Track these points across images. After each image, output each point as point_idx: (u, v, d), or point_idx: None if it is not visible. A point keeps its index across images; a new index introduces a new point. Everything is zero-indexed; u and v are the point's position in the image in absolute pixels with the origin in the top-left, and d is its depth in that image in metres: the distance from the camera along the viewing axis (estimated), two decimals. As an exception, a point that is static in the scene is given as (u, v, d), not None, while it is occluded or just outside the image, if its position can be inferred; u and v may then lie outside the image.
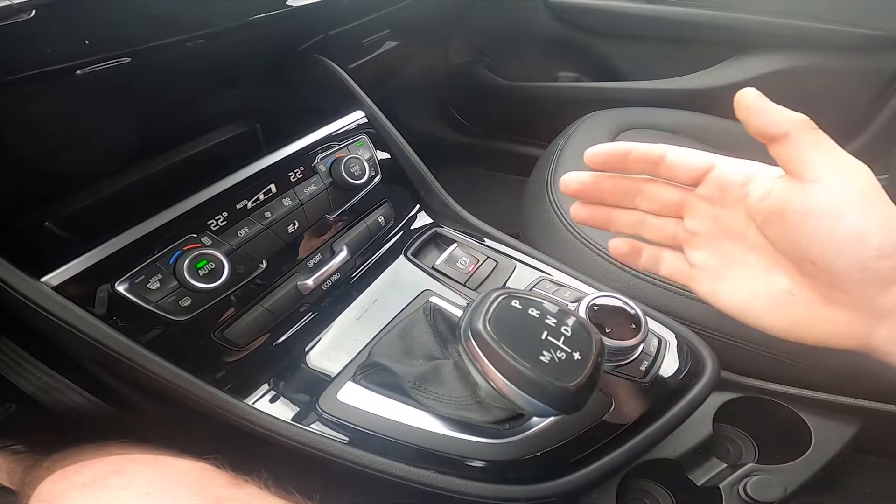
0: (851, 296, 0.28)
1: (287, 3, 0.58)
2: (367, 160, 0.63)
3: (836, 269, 0.28)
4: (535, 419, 0.47)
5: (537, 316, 0.32)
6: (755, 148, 0.97)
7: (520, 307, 0.32)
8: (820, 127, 0.31)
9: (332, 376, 0.52)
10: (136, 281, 0.44)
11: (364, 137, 0.66)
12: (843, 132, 1.15)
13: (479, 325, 0.31)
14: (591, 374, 0.30)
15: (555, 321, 0.31)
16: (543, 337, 0.31)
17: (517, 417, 0.47)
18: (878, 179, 0.29)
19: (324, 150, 0.61)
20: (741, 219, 0.33)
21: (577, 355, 0.30)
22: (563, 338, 0.31)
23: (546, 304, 0.33)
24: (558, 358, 0.30)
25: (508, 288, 0.33)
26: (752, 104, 0.32)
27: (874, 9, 1.02)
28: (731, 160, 0.35)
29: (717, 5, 1.10)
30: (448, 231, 0.69)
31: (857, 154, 0.29)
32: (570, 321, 0.32)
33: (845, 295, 0.29)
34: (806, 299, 0.30)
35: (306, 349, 0.55)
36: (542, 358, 0.29)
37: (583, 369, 0.30)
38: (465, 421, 0.47)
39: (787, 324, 0.32)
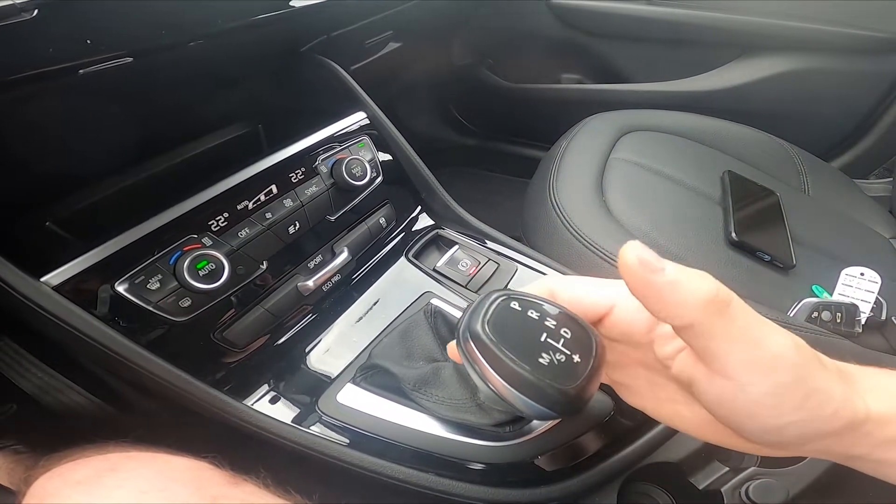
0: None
1: (290, 3, 0.58)
2: (369, 161, 0.63)
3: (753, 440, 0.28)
4: (535, 422, 0.47)
5: (537, 318, 0.31)
6: (757, 149, 0.96)
7: (519, 308, 0.32)
8: (823, 128, 0.29)
9: (332, 378, 0.52)
10: (137, 281, 0.44)
11: (366, 138, 0.66)
12: (848, 134, 1.15)
13: (478, 327, 0.30)
14: (591, 377, 0.30)
15: (554, 323, 0.31)
16: (543, 339, 0.30)
17: (517, 420, 0.47)
18: (884, 182, 0.28)
19: (325, 151, 0.61)
20: (653, 357, 0.31)
21: (576, 357, 0.30)
22: (562, 340, 0.30)
23: (546, 306, 0.32)
24: (557, 360, 0.29)
25: (508, 289, 0.32)
26: (638, 277, 0.25)
27: (879, 10, 1.01)
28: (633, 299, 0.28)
29: (720, 7, 1.10)
30: (449, 233, 0.69)
31: (862, 156, 0.28)
32: (571, 323, 0.32)
33: None
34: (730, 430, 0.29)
35: (306, 350, 0.55)
36: (540, 360, 0.29)
37: (583, 372, 0.30)
38: (465, 424, 0.46)
39: (724, 438, 0.31)
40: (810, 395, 0.25)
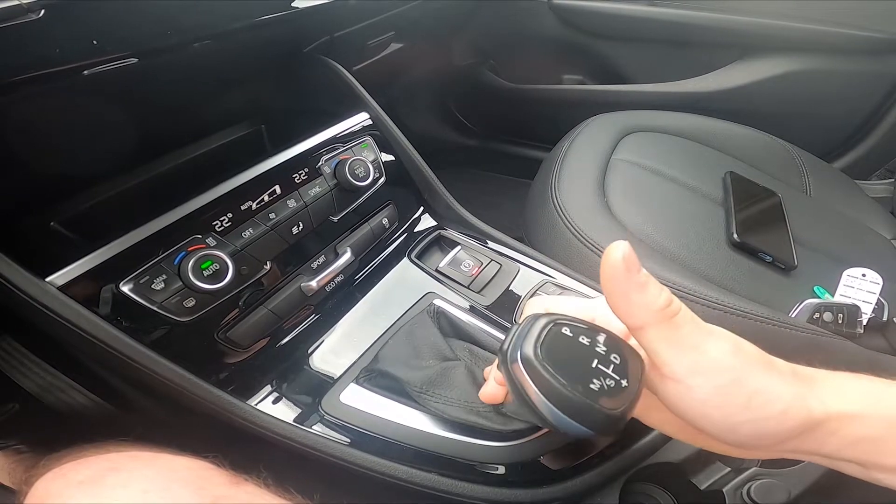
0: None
1: (293, 4, 0.58)
2: (372, 162, 0.63)
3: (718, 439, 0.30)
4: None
5: (588, 343, 0.32)
6: (759, 150, 0.96)
7: (570, 335, 0.32)
8: (825, 129, 0.30)
9: (335, 378, 0.52)
10: (141, 281, 0.44)
11: (368, 139, 0.66)
12: (849, 135, 1.15)
13: (530, 351, 0.31)
14: (635, 400, 0.30)
15: (605, 349, 0.31)
16: (594, 365, 0.31)
17: (534, 429, 0.46)
18: (885, 183, 0.29)
19: (328, 151, 0.61)
20: None
21: (625, 382, 0.30)
22: (612, 366, 0.31)
23: (596, 333, 0.33)
24: (608, 386, 0.30)
25: (557, 314, 0.33)
26: (616, 273, 0.28)
27: (880, 11, 1.01)
28: (608, 312, 0.31)
29: (721, 8, 1.10)
30: (452, 233, 0.69)
31: (864, 157, 0.29)
32: (619, 348, 0.32)
33: None
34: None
35: (309, 351, 0.55)
36: (591, 386, 0.29)
37: (630, 396, 0.30)
38: (474, 425, 0.46)
39: (699, 440, 0.33)
40: (753, 395, 0.27)
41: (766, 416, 0.27)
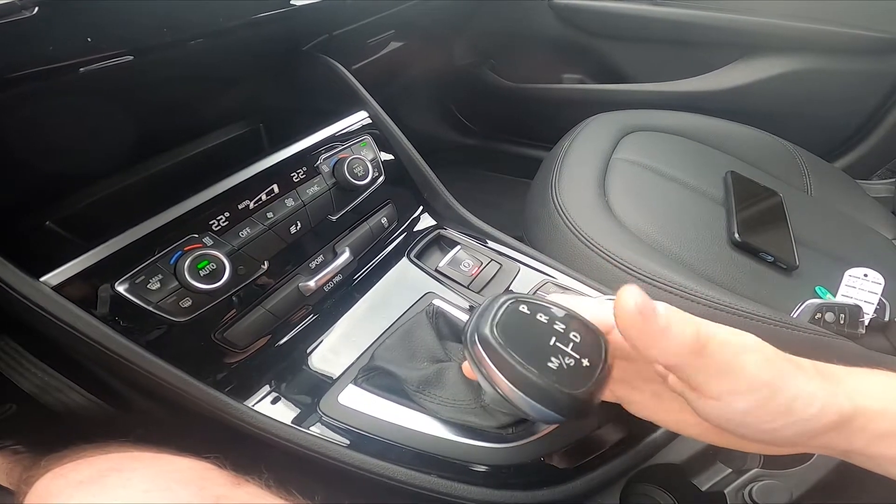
0: None
1: (291, 2, 0.57)
2: (371, 161, 0.63)
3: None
4: (538, 424, 0.47)
5: (545, 321, 0.31)
6: (760, 150, 0.96)
7: (528, 312, 0.31)
8: (826, 129, 0.30)
9: (334, 379, 0.51)
10: (137, 281, 0.44)
11: (368, 138, 0.65)
12: (850, 135, 1.15)
13: (486, 330, 0.30)
14: (600, 381, 0.30)
15: (564, 327, 0.31)
16: (552, 343, 0.30)
17: (520, 422, 0.46)
18: (886, 183, 0.28)
19: (327, 150, 0.61)
20: (653, 371, 0.34)
21: (586, 361, 0.30)
22: (572, 344, 0.30)
23: (555, 310, 0.32)
24: (567, 364, 0.29)
25: (517, 292, 0.32)
26: (634, 323, 0.27)
27: (882, 11, 1.01)
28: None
29: (722, 7, 1.09)
30: (451, 233, 0.69)
31: (865, 157, 0.28)
32: (580, 327, 0.32)
33: None
34: None
35: (308, 351, 0.54)
36: (549, 364, 0.29)
37: (592, 375, 0.30)
38: (468, 425, 0.46)
39: (728, 440, 0.33)
40: (791, 401, 0.28)
41: (805, 418, 0.28)
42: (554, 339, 0.30)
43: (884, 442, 0.29)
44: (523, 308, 0.31)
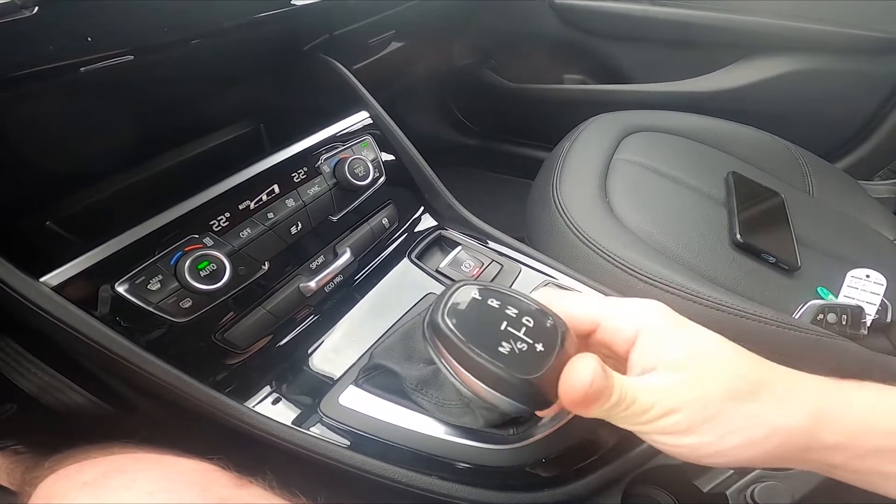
0: None
1: (292, 2, 0.57)
2: (372, 161, 0.63)
3: None
4: (539, 425, 0.47)
5: (497, 306, 0.31)
6: (761, 150, 0.95)
7: (479, 297, 0.31)
8: (828, 129, 0.31)
9: (335, 379, 0.51)
10: (137, 282, 0.44)
11: (368, 138, 0.65)
12: (852, 135, 1.15)
13: (439, 318, 0.30)
14: (556, 367, 0.29)
15: (516, 312, 0.31)
16: (503, 327, 0.30)
17: (516, 424, 0.46)
18: (888, 184, 0.28)
19: (328, 150, 0.61)
20: None
21: (539, 346, 0.29)
22: (524, 328, 0.30)
23: (510, 296, 0.32)
24: (519, 349, 0.29)
25: (473, 280, 0.32)
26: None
27: (883, 11, 1.01)
28: (618, 317, 0.32)
29: (724, 7, 1.09)
30: (452, 233, 0.69)
31: (866, 157, 0.28)
32: (534, 312, 0.31)
33: None
34: None
35: (308, 352, 0.54)
36: (500, 349, 0.29)
37: (546, 361, 0.29)
38: (463, 426, 0.46)
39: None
40: (738, 429, 0.29)
41: (755, 441, 0.29)
42: (505, 323, 0.30)
43: (870, 458, 0.29)
44: (474, 293, 0.31)
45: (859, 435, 0.29)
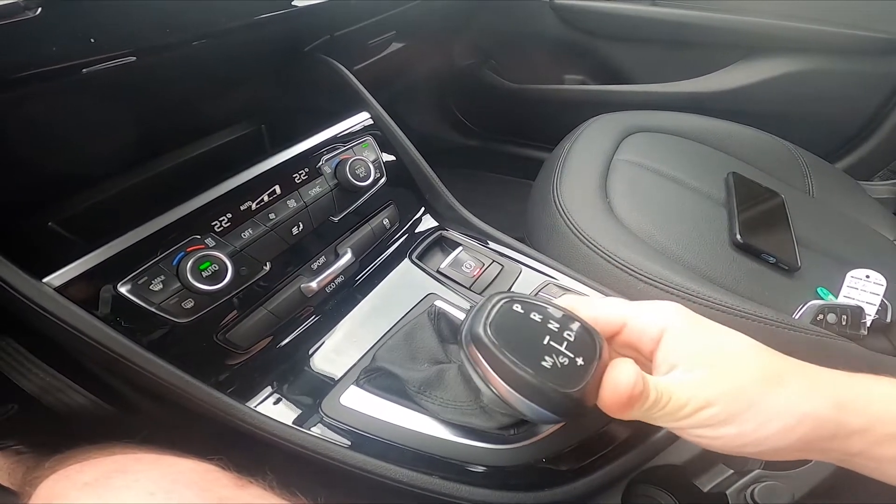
0: None
1: (293, 3, 0.57)
2: (373, 162, 0.63)
3: None
4: (540, 425, 0.47)
5: (539, 320, 0.31)
6: (761, 151, 0.95)
7: (521, 311, 0.31)
8: (828, 129, 0.31)
9: (336, 380, 0.51)
10: (139, 282, 0.44)
11: (369, 139, 0.65)
12: (852, 136, 1.15)
13: (480, 330, 0.30)
14: (595, 380, 0.30)
15: (558, 326, 0.31)
16: (545, 342, 0.30)
17: (522, 424, 0.46)
18: (888, 184, 0.29)
19: (329, 151, 0.61)
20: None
21: (580, 360, 0.30)
22: (566, 343, 0.30)
23: (549, 309, 0.32)
24: (561, 363, 0.29)
25: (511, 292, 0.33)
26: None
27: (883, 11, 1.01)
28: (643, 316, 0.34)
29: (724, 8, 1.09)
30: (453, 234, 0.69)
31: (866, 158, 0.29)
32: (574, 325, 0.32)
33: None
34: None
35: (310, 352, 0.54)
36: (543, 363, 0.29)
37: (586, 375, 0.30)
38: (469, 426, 0.46)
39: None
40: (768, 419, 0.29)
41: (786, 428, 0.29)
42: (548, 338, 0.30)
43: (889, 445, 0.29)
44: (517, 307, 0.32)
45: (881, 421, 0.30)
